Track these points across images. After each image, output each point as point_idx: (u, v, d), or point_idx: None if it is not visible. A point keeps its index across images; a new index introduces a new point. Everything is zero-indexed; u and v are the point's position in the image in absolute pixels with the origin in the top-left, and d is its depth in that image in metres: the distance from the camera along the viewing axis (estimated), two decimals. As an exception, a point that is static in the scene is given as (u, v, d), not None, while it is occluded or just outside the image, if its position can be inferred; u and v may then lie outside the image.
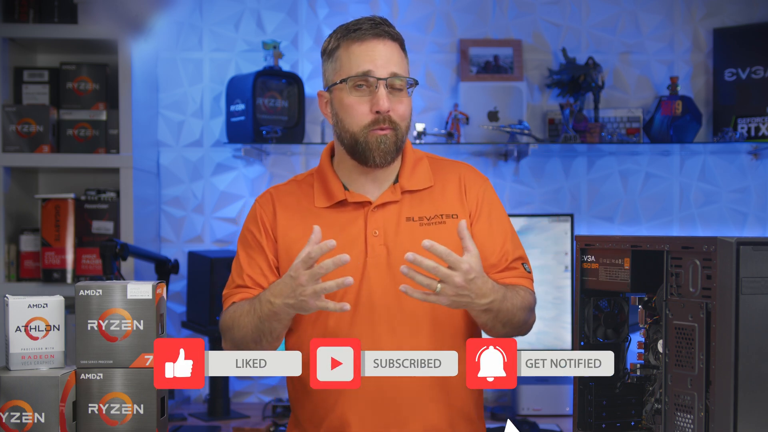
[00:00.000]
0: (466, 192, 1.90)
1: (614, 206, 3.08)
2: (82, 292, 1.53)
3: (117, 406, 1.53)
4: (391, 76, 1.78)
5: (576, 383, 1.64)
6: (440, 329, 1.82)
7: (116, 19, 2.74)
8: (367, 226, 1.83)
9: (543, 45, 3.08)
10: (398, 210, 1.85)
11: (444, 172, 1.92)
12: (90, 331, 1.53)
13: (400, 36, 1.84)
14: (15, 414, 1.48)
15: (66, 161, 2.80)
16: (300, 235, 1.82)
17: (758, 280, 1.36)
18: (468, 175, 1.93)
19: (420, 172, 1.90)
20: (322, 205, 1.86)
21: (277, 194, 1.91)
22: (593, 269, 1.64)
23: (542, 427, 2.61)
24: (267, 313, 1.71)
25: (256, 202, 1.93)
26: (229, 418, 2.76)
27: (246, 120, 2.85)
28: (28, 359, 1.53)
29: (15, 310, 1.53)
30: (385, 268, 1.80)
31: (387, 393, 1.78)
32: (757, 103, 2.95)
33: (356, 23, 1.82)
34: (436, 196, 1.89)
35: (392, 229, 1.83)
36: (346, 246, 1.80)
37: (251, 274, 1.86)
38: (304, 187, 1.91)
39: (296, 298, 1.63)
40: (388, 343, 1.78)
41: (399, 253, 1.80)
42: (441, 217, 1.86)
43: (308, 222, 1.83)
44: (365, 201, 1.84)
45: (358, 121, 1.79)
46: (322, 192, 1.88)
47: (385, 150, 1.79)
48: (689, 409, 1.41)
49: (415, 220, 1.85)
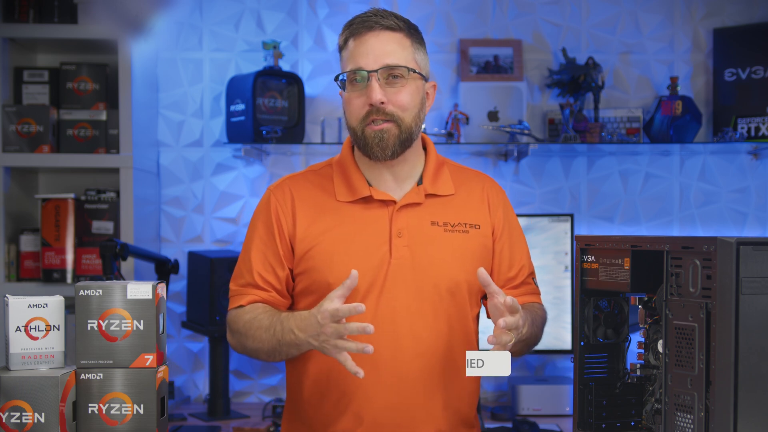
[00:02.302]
0: (489, 206, 1.92)
1: (614, 206, 3.07)
2: (82, 292, 1.53)
3: (117, 406, 1.53)
4: (382, 67, 1.77)
5: (576, 383, 1.64)
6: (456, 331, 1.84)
7: (116, 19, 2.74)
8: (392, 227, 1.82)
9: (543, 45, 3.07)
10: (422, 213, 1.85)
11: (466, 181, 1.94)
12: (90, 331, 1.53)
13: (402, 24, 1.82)
14: (15, 414, 1.48)
15: (66, 161, 2.80)
16: (322, 230, 1.82)
17: (758, 280, 1.36)
18: (491, 188, 1.95)
19: (443, 177, 1.90)
20: (344, 199, 1.85)
21: (295, 187, 1.88)
22: (593, 269, 1.64)
23: (542, 427, 2.61)
24: (288, 341, 1.72)
25: (271, 195, 1.89)
26: (229, 418, 2.76)
27: (246, 120, 2.85)
28: (28, 359, 1.53)
29: (15, 310, 1.53)
30: (409, 269, 1.80)
31: (401, 396, 1.78)
32: (757, 103, 2.95)
33: (356, 17, 1.83)
34: (460, 203, 1.89)
35: (416, 232, 1.83)
36: (370, 246, 1.80)
37: (262, 272, 1.84)
38: (323, 180, 1.89)
39: (319, 342, 1.66)
40: (408, 344, 1.79)
41: (422, 255, 1.81)
42: (464, 225, 1.87)
43: (330, 217, 1.83)
44: (390, 200, 1.84)
45: (356, 116, 1.80)
46: (345, 186, 1.86)
47: (383, 145, 1.79)
48: (689, 409, 1.41)
49: (440, 225, 1.85)
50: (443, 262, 1.82)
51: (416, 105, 1.81)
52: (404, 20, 1.83)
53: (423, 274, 1.80)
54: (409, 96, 1.80)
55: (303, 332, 1.68)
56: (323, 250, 1.80)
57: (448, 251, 1.83)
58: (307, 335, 1.67)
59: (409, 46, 1.81)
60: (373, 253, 1.79)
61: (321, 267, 1.80)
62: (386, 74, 1.78)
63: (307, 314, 1.68)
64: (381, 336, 1.73)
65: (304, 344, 1.70)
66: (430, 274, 1.80)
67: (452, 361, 1.82)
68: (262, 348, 1.78)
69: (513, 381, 2.89)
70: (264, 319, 1.78)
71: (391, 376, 1.78)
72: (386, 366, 1.76)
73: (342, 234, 1.81)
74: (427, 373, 1.80)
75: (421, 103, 1.83)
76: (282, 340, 1.73)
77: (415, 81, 1.81)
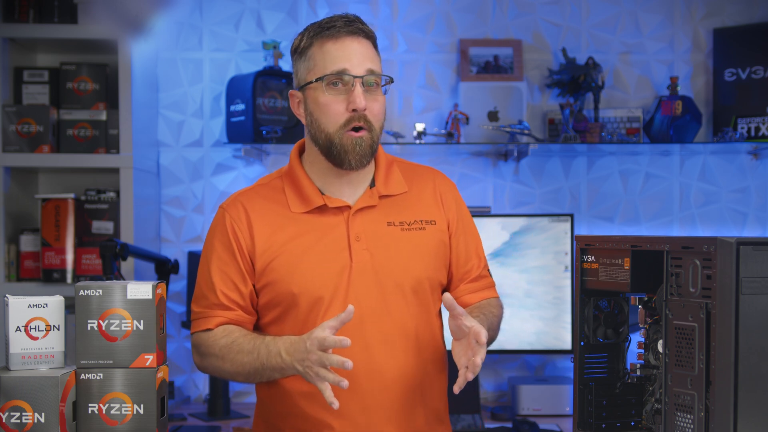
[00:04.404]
0: (442, 200, 1.92)
1: (614, 206, 3.08)
2: (82, 292, 1.53)
3: (117, 406, 1.53)
4: (368, 73, 1.76)
5: (576, 383, 1.64)
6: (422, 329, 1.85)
7: (116, 19, 2.75)
8: (350, 232, 1.81)
9: (543, 45, 3.08)
10: (378, 214, 1.84)
11: (416, 177, 1.93)
12: (90, 331, 1.53)
13: (373, 34, 1.82)
14: (15, 414, 1.48)
15: (66, 161, 2.80)
16: (281, 242, 1.80)
17: (758, 280, 1.36)
18: (442, 183, 1.95)
19: (394, 176, 1.90)
20: (298, 210, 1.83)
21: (248, 203, 1.85)
22: (593, 269, 1.64)
23: (542, 427, 2.61)
24: (273, 365, 1.72)
25: (225, 212, 1.85)
26: (229, 418, 2.76)
27: (246, 120, 2.85)
28: (28, 359, 1.53)
29: (15, 310, 1.54)
30: (371, 272, 1.80)
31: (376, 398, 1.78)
32: (757, 103, 2.95)
33: (329, 21, 1.79)
34: (413, 201, 1.89)
35: (374, 234, 1.82)
36: (330, 252, 1.80)
37: (225, 290, 1.81)
38: (275, 192, 1.87)
39: (303, 367, 1.66)
40: (377, 346, 1.79)
41: (382, 257, 1.81)
42: (420, 222, 1.87)
43: (288, 229, 1.81)
44: (344, 206, 1.83)
45: (334, 121, 1.77)
46: (297, 197, 1.84)
47: (361, 153, 1.77)
48: (689, 409, 1.42)
49: (396, 225, 1.85)
50: (403, 261, 1.82)
51: (384, 115, 1.83)
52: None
53: (385, 275, 1.80)
54: (383, 105, 1.81)
55: (290, 356, 1.68)
56: (284, 262, 1.79)
57: (406, 250, 1.82)
58: (293, 359, 1.67)
59: (378, 55, 1.83)
60: (333, 260, 1.79)
61: (283, 278, 1.79)
62: (369, 80, 1.77)
63: (297, 339, 1.69)
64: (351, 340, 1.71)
65: (289, 368, 1.70)
66: (391, 275, 1.80)
67: (422, 360, 1.83)
68: (241, 371, 1.78)
69: (513, 381, 2.89)
70: (245, 343, 1.77)
71: (365, 379, 1.77)
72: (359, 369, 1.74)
73: (301, 244, 1.79)
74: (400, 373, 1.80)
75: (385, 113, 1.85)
76: (266, 364, 1.73)
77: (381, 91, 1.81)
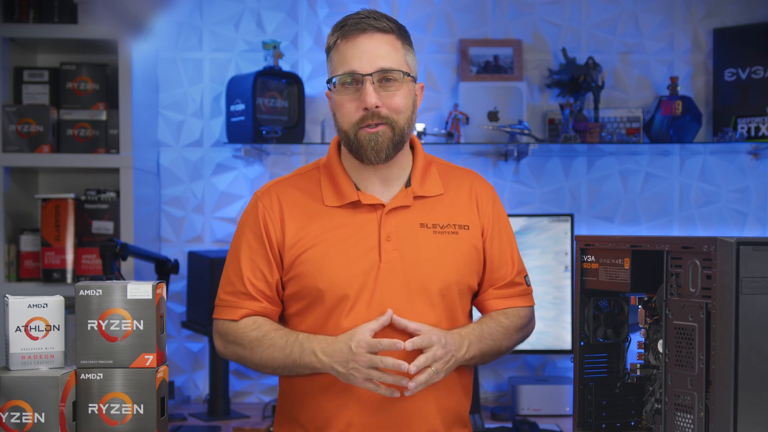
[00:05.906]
0: (478, 205, 1.90)
1: (614, 206, 3.07)
2: (82, 292, 1.53)
3: (117, 406, 1.53)
4: (377, 71, 1.76)
5: (576, 383, 1.64)
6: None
7: (116, 19, 2.74)
8: (381, 231, 1.81)
9: (543, 45, 3.07)
10: (411, 215, 1.84)
11: (454, 179, 1.92)
12: (90, 331, 1.53)
13: (394, 26, 1.80)
14: (15, 414, 1.48)
15: (66, 161, 2.80)
16: (311, 236, 1.81)
17: (758, 280, 1.36)
18: (478, 186, 1.93)
19: (431, 177, 1.89)
20: (332, 204, 1.83)
21: (283, 193, 1.87)
22: (593, 269, 1.64)
23: (542, 427, 2.61)
24: (307, 363, 1.74)
25: (259, 201, 1.87)
26: (229, 418, 2.76)
27: (246, 120, 2.85)
28: (28, 359, 1.53)
29: (15, 310, 1.54)
30: (399, 273, 1.80)
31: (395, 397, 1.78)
32: (757, 103, 2.95)
33: (344, 20, 1.80)
34: (448, 204, 1.88)
35: (405, 235, 1.82)
36: (360, 250, 1.80)
37: (252, 279, 1.83)
38: (311, 183, 1.88)
39: (347, 370, 1.67)
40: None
41: (412, 258, 1.81)
42: (454, 227, 1.86)
43: (319, 223, 1.82)
44: (378, 203, 1.83)
45: (348, 119, 1.78)
46: (332, 190, 1.85)
47: (377, 148, 1.77)
48: (689, 409, 1.41)
49: (429, 227, 1.84)
50: (433, 265, 1.81)
51: (409, 107, 1.81)
52: (395, 21, 1.81)
53: (413, 277, 1.80)
54: (403, 99, 1.79)
55: (329, 357, 1.69)
56: (313, 257, 1.80)
57: (437, 253, 1.82)
58: (332, 360, 1.69)
59: (400, 48, 1.80)
60: (362, 258, 1.79)
61: (311, 273, 1.79)
62: (380, 77, 1.76)
63: (334, 340, 1.70)
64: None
65: (326, 368, 1.71)
66: (419, 277, 1.80)
67: None
68: (270, 365, 1.80)
69: (513, 381, 2.89)
70: (277, 338, 1.78)
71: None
72: None
73: (331, 239, 1.80)
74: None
75: (413, 105, 1.83)
76: (299, 362, 1.74)
77: (407, 83, 1.80)
